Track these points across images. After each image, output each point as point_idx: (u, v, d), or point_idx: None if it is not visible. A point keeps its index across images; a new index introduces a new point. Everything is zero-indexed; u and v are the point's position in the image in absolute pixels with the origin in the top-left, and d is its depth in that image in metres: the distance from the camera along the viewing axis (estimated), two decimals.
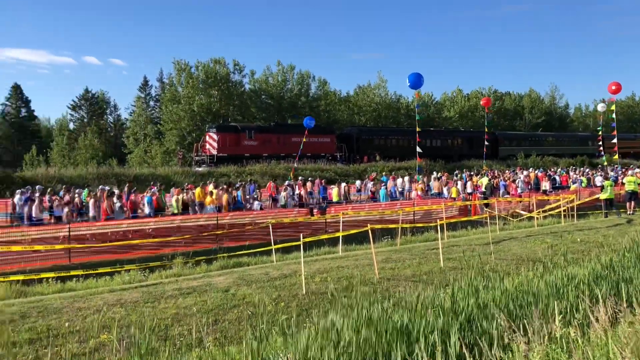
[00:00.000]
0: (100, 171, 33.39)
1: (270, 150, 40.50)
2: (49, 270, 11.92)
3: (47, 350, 6.77)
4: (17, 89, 69.84)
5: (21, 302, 8.79)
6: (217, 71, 54.73)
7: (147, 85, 72.46)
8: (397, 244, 15.23)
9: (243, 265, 12.71)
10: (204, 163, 38.98)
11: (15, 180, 29.31)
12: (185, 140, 52.15)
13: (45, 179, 30.24)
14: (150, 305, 8.59)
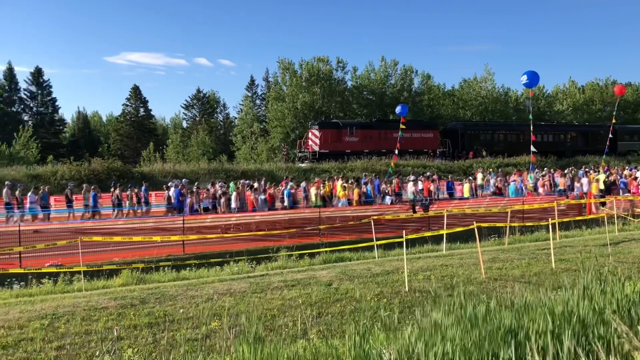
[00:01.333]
0: (211, 167, 35.14)
1: (371, 147, 40.45)
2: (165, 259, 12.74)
3: (164, 334, 7.24)
4: (136, 90, 75.18)
5: (141, 289, 9.47)
6: (320, 69, 55.55)
7: (253, 84, 75.28)
8: (505, 243, 14.65)
9: (345, 260, 12.84)
10: (307, 159, 39.75)
11: (135, 174, 31.61)
12: (289, 137, 53.46)
13: (161, 174, 32.36)
14: (257, 296, 8.92)
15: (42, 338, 6.92)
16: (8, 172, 30.37)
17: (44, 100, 68.58)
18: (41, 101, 68.45)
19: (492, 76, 65.07)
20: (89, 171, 30.37)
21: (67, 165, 31.98)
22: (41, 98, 68.32)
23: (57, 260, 12.47)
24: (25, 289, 9.92)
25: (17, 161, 40.83)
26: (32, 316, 7.65)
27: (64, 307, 8.07)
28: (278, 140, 54.69)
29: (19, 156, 44.83)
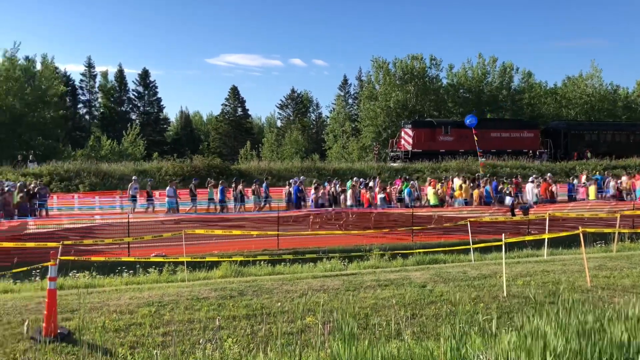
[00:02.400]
0: (303, 165, 35.74)
1: (467, 146, 39.28)
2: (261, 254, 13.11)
3: (261, 326, 7.47)
4: (235, 90, 78.08)
5: (239, 281, 9.82)
6: (414, 67, 54.83)
7: (346, 83, 75.69)
8: (613, 250, 13.73)
9: (439, 262, 12.61)
10: (399, 158, 39.36)
11: (233, 172, 32.81)
12: (381, 136, 53.23)
13: (257, 172, 33.35)
14: (350, 294, 8.96)
15: (150, 324, 7.36)
16: (117, 168, 32.59)
17: (150, 100, 72.95)
18: (147, 101, 72.85)
19: (599, 73, 61.14)
20: (191, 168, 31.89)
21: (170, 162, 33.78)
22: (147, 98, 72.72)
23: (161, 251, 13.20)
24: (133, 277, 10.60)
25: (125, 157, 43.72)
26: (140, 303, 8.15)
27: (168, 295, 8.53)
28: (370, 139, 54.63)
29: (128, 152, 47.99)
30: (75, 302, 8.10)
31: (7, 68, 45.72)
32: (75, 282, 9.92)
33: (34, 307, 7.89)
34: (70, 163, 32.85)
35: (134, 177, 23.41)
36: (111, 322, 7.32)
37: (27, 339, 6.80)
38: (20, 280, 10.15)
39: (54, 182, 27.34)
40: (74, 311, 7.75)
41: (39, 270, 10.24)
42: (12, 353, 6.45)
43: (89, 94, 69.99)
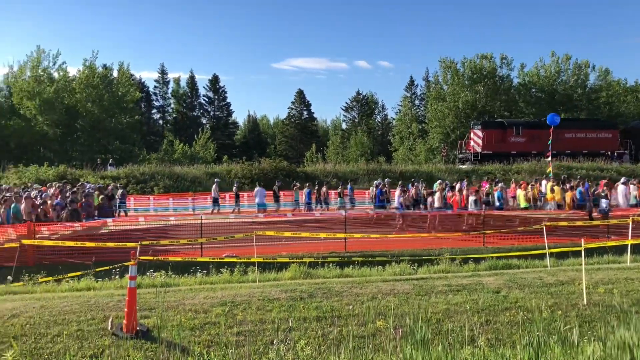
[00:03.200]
0: (369, 167, 35.59)
1: (539, 147, 37.77)
2: (329, 255, 13.14)
3: (331, 328, 7.49)
4: (301, 94, 78.90)
5: (308, 283, 9.88)
6: (483, 66, 53.47)
7: (412, 84, 74.80)
8: None
9: (513, 267, 12.19)
10: (468, 160, 38.47)
11: (299, 174, 33.15)
12: (449, 138, 52.24)
13: (323, 174, 33.53)
14: (421, 298, 8.82)
15: (224, 323, 7.53)
16: (190, 170, 33.68)
17: (219, 105, 74.99)
18: (217, 106, 74.92)
19: None
20: (259, 170, 32.50)
21: (240, 165, 34.58)
22: (217, 103, 74.78)
23: (232, 252, 13.50)
24: (207, 277, 10.89)
25: (196, 160, 45.10)
26: (214, 302, 8.36)
27: (241, 296, 8.70)
28: (437, 141, 53.72)
29: (199, 156, 49.48)
30: (153, 301, 8.41)
31: (87, 76, 48.26)
32: (152, 281, 10.29)
33: (114, 304, 8.24)
34: (145, 166, 34.30)
35: (217, 180, 24.29)
36: (187, 321, 7.54)
37: (110, 334, 7.12)
38: (101, 278, 10.65)
39: (130, 185, 28.58)
40: (152, 309, 8.04)
41: (119, 269, 10.71)
42: (97, 347, 6.78)
43: (162, 100, 72.74)
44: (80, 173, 30.54)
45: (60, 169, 30.66)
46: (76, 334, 7.12)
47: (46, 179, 27.57)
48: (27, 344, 6.83)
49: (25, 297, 9.06)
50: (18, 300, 8.62)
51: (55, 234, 14.28)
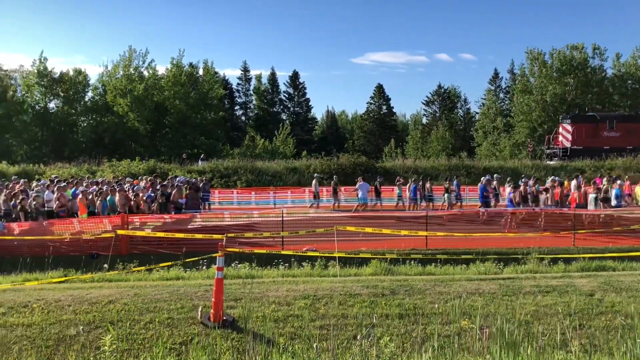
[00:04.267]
0: (451, 163, 34.83)
1: (635, 142, 35.48)
2: (409, 252, 12.96)
3: (414, 326, 7.37)
4: (380, 88, 78.41)
5: (390, 279, 9.78)
6: (573, 57, 50.76)
7: (497, 77, 72.33)
8: None
9: (607, 269, 11.48)
10: (556, 156, 36.74)
11: (378, 170, 32.98)
12: (535, 132, 50.14)
13: (402, 170, 33.17)
14: (507, 299, 8.50)
15: (306, 316, 7.60)
16: (271, 165, 34.41)
17: (299, 101, 76.01)
18: (297, 102, 75.98)
19: None
20: (337, 165, 32.67)
21: (318, 160, 34.90)
22: (297, 99, 75.85)
23: (313, 246, 13.62)
24: (289, 270, 11.05)
25: (277, 155, 45.98)
26: (296, 295, 8.46)
27: (322, 290, 8.75)
28: (523, 136, 51.69)
29: (279, 151, 50.40)
30: (238, 292, 8.63)
31: (174, 74, 50.39)
32: (237, 272, 10.57)
33: (202, 294, 8.53)
34: (228, 161, 35.41)
35: (316, 175, 24.52)
36: (271, 313, 7.68)
37: (198, 323, 7.38)
38: (189, 269, 11.07)
39: (215, 179, 29.60)
40: (237, 300, 8.26)
41: (206, 260, 11.08)
42: (186, 335, 7.05)
43: (244, 97, 74.74)
44: (168, 167, 32.02)
45: (150, 163, 32.29)
46: (167, 322, 7.44)
47: (137, 172, 29.11)
48: (122, 329, 7.21)
49: (120, 284, 9.58)
50: (114, 288, 9.13)
51: (146, 225, 15.02)
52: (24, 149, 48.28)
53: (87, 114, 52.81)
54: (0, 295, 8.62)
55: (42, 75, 50.18)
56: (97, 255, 13.59)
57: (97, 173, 30.02)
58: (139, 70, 50.79)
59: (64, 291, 8.82)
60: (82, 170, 30.94)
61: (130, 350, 6.78)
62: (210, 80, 54.19)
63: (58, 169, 31.43)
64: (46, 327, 7.32)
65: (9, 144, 48.13)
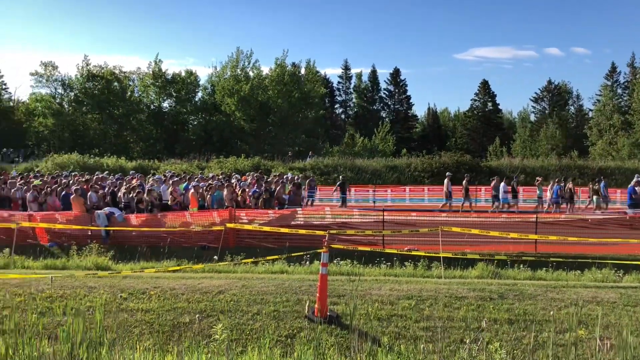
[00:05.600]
0: (562, 163, 32.97)
1: None
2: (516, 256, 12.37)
3: (525, 333, 7.03)
4: (485, 84, 75.78)
5: (497, 283, 9.39)
6: None
7: (614, 72, 67.31)
8: None
9: None
10: None
11: (482, 168, 31.89)
12: None
13: (509, 169, 31.83)
14: (631, 310, 7.87)
15: (410, 317, 7.49)
16: (370, 163, 34.37)
17: (399, 98, 75.35)
18: (397, 99, 75.36)
19: None
20: (439, 164, 31.99)
21: (419, 158, 34.39)
22: (397, 96, 75.22)
23: (414, 246, 13.40)
24: (390, 269, 10.95)
25: (376, 153, 45.87)
26: (400, 295, 8.36)
27: (427, 291, 8.58)
28: None
29: (378, 149, 50.24)
30: (341, 288, 8.68)
31: (278, 74, 51.77)
32: (339, 269, 10.64)
33: (306, 288, 8.67)
34: (328, 158, 35.83)
35: (448, 174, 22.74)
36: (374, 311, 7.65)
37: (303, 317, 7.51)
38: (293, 263, 11.31)
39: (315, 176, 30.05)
40: (340, 296, 8.31)
41: (309, 255, 11.26)
42: (291, 329, 7.20)
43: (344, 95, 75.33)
44: (271, 164, 32.99)
45: (255, 160, 33.45)
46: (273, 314, 7.63)
47: (242, 169, 30.26)
48: (232, 319, 7.50)
49: (228, 275, 9.98)
50: (223, 278, 9.52)
51: (252, 219, 15.54)
52: (140, 146, 51.78)
53: (197, 113, 55.61)
54: (122, 281, 9.28)
55: (157, 76, 53.48)
56: (207, 246, 14.26)
57: (206, 169, 31.55)
58: (245, 71, 52.70)
59: (177, 280, 9.33)
60: (192, 166, 32.68)
61: (239, 340, 7.03)
62: (312, 80, 55.09)
63: (170, 165, 33.39)
64: (162, 313, 7.77)
65: (127, 141, 51.89)
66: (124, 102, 52.25)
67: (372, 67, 79.87)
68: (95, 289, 8.69)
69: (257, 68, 53.40)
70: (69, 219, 15.48)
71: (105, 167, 30.70)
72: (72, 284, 9.07)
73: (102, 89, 51.54)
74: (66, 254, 12.93)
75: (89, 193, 16.82)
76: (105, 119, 51.54)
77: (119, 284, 9.00)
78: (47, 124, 51.20)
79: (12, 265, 11.69)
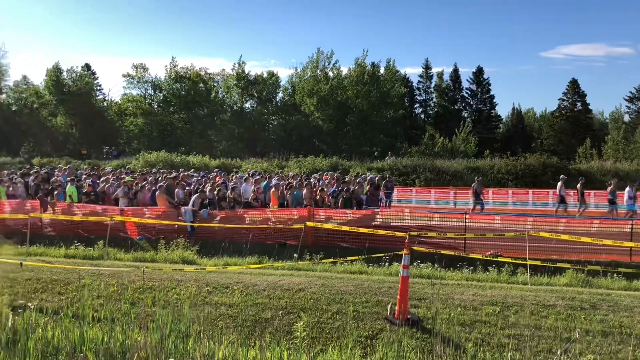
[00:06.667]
0: None
1: None
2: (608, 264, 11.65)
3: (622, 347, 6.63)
4: (574, 83, 72.00)
5: (589, 292, 8.90)
6: None
7: None
8: None
9: None
10: None
11: (571, 171, 30.33)
12: None
13: (600, 172, 30.13)
14: None
15: (495, 323, 7.24)
16: (451, 164, 33.61)
17: (482, 97, 73.08)
18: (480, 99, 73.14)
19: None
20: (524, 166, 30.80)
21: (503, 160, 33.22)
22: (480, 96, 72.98)
23: (497, 251, 12.95)
24: (473, 274, 10.65)
25: (457, 154, 44.77)
26: (483, 300, 8.10)
27: (512, 297, 8.27)
28: None
29: (459, 150, 49.01)
30: (421, 291, 8.54)
31: (357, 74, 51.73)
32: (419, 271, 10.47)
33: (385, 290, 8.61)
34: (407, 159, 35.40)
35: (563, 177, 21.22)
36: (456, 316, 7.46)
37: (382, 318, 7.45)
38: (371, 264, 11.25)
39: (393, 176, 29.77)
40: (420, 299, 8.17)
41: (388, 256, 11.16)
42: (371, 329, 7.16)
43: (424, 94, 73.99)
44: (349, 164, 33.02)
45: (333, 160, 33.62)
46: (353, 314, 7.63)
47: (320, 168, 30.49)
48: (312, 317, 7.56)
49: (308, 274, 10.08)
50: (302, 276, 9.63)
51: (330, 218, 15.62)
52: (223, 145, 53.40)
53: (277, 113, 56.65)
54: (206, 275, 9.61)
55: (240, 78, 54.95)
56: (286, 244, 14.49)
57: (285, 168, 32.07)
58: (325, 71, 53.08)
59: (259, 276, 9.54)
60: (272, 165, 33.33)
61: (319, 338, 7.08)
62: (392, 79, 54.57)
63: (252, 164, 34.21)
64: (245, 308, 7.97)
65: (212, 140, 53.68)
66: (208, 102, 54.14)
67: (454, 65, 77.91)
68: (182, 282, 9.05)
69: (336, 68, 53.68)
70: (158, 214, 16.22)
71: (191, 165, 31.91)
72: (160, 276, 9.50)
73: (188, 90, 53.70)
74: (154, 247, 13.56)
75: (176, 189, 17.55)
76: (191, 118, 53.59)
77: (204, 278, 9.32)
78: (138, 123, 54.01)
79: (106, 256, 12.40)
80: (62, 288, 8.86)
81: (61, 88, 53.48)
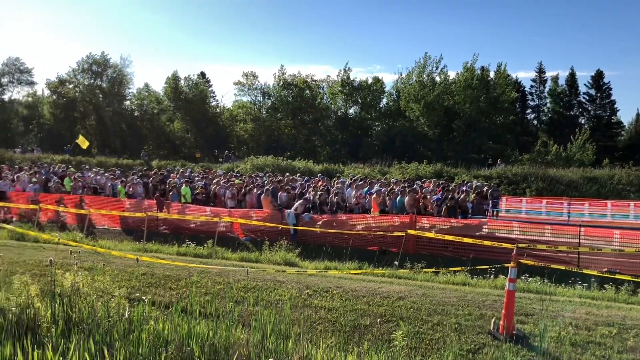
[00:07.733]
0: None
1: None
2: None
3: None
4: None
5: None
6: None
7: None
8: None
9: None
10: None
11: None
12: None
13: None
14: None
15: (610, 346, 6.71)
16: (565, 173, 31.68)
17: (602, 103, 68.19)
18: (599, 104, 68.29)
19: None
20: None
21: (625, 170, 30.81)
22: (600, 101, 68.17)
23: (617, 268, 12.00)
24: (587, 291, 9.96)
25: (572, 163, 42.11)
26: (598, 320, 7.54)
27: (631, 319, 7.61)
28: None
29: (575, 158, 46.08)
30: (528, 307, 8.11)
31: (466, 78, 50.35)
32: (527, 285, 9.95)
33: (490, 303, 8.26)
34: (517, 167, 33.83)
35: None
36: (567, 335, 7.00)
37: (486, 332, 7.16)
38: (475, 276, 10.85)
39: (502, 185, 28.59)
40: (527, 315, 7.76)
41: (494, 268, 10.72)
42: (474, 343, 6.90)
43: (537, 99, 70.43)
44: (454, 171, 32.16)
45: (437, 167, 32.91)
46: (454, 327, 7.39)
47: (424, 175, 29.96)
48: (411, 327, 7.43)
49: (408, 282, 9.94)
50: (402, 285, 9.50)
51: (433, 227, 15.28)
52: (326, 150, 54.18)
53: (381, 118, 56.56)
54: (307, 278, 9.77)
55: (345, 84, 55.54)
56: (386, 251, 14.39)
57: (388, 174, 31.87)
58: (431, 76, 52.23)
59: (358, 282, 9.54)
60: (374, 171, 33.24)
61: (418, 349, 6.94)
62: (502, 84, 52.53)
63: (354, 169, 34.35)
64: (344, 313, 8.00)
65: (315, 145, 54.68)
66: (313, 108, 55.26)
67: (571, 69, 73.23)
68: (284, 284, 9.26)
69: (444, 73, 52.61)
70: (263, 216, 16.77)
71: (296, 170, 32.67)
72: (263, 276, 9.80)
73: (295, 96, 55.19)
74: (259, 248, 14.03)
75: (279, 193, 18.05)
76: (297, 124, 55.01)
77: (305, 281, 9.48)
78: (247, 128, 56.36)
79: (214, 255, 13.01)
80: (174, 284, 9.39)
81: (178, 95, 57.02)
